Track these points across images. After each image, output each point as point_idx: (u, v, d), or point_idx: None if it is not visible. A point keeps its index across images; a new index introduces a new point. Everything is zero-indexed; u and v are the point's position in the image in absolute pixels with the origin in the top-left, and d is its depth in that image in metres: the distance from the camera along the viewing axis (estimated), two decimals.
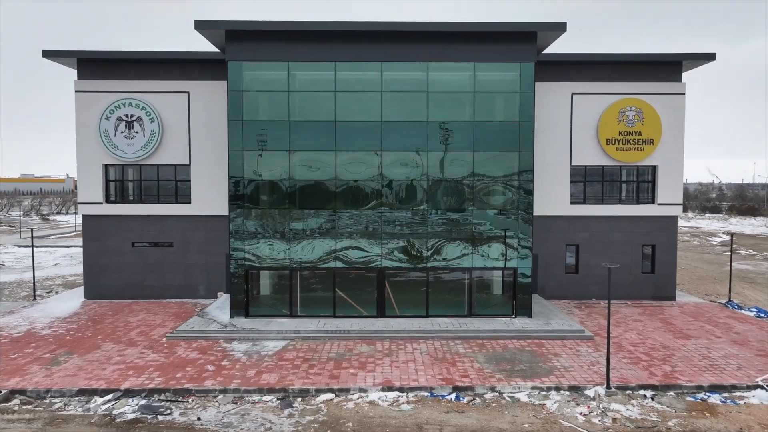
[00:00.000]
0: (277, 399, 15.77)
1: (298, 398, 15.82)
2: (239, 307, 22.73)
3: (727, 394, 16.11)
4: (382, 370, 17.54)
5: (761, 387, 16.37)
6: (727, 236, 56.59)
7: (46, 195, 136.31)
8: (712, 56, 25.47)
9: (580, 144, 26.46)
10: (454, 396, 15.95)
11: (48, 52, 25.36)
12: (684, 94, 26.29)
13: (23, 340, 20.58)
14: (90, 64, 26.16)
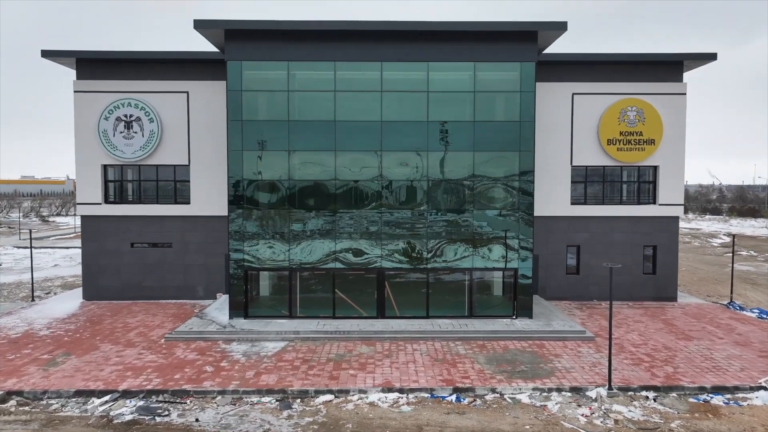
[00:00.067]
0: (276, 400, 15.66)
1: (297, 399, 15.71)
2: (238, 308, 22.62)
3: (730, 396, 15.99)
4: (382, 371, 17.42)
5: (764, 388, 16.25)
6: (727, 237, 56.49)
7: (46, 197, 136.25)
8: (713, 56, 25.37)
9: (581, 144, 26.36)
10: (454, 397, 15.83)
11: (47, 52, 25.27)
12: (685, 94, 26.20)
13: (21, 341, 20.47)
14: (89, 64, 26.08)
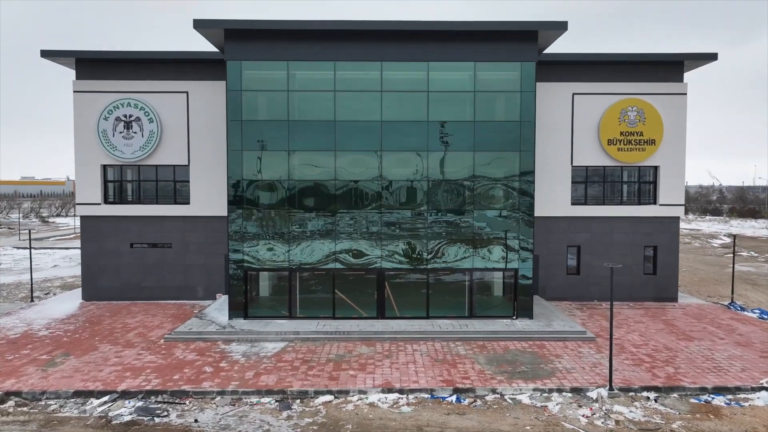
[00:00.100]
0: (276, 401, 15.60)
1: (297, 400, 15.65)
2: (238, 309, 22.55)
3: (731, 396, 15.92)
4: (382, 372, 17.36)
5: (766, 389, 16.18)
6: (728, 238, 56.42)
7: (46, 197, 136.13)
8: (713, 56, 25.32)
9: (581, 144, 26.31)
10: (454, 398, 15.77)
11: (46, 52, 25.23)
12: (686, 94, 26.15)
13: (20, 342, 20.41)
14: (88, 64, 26.04)
